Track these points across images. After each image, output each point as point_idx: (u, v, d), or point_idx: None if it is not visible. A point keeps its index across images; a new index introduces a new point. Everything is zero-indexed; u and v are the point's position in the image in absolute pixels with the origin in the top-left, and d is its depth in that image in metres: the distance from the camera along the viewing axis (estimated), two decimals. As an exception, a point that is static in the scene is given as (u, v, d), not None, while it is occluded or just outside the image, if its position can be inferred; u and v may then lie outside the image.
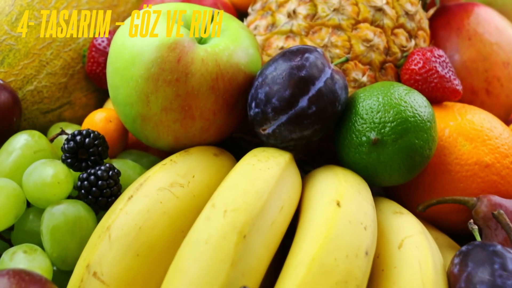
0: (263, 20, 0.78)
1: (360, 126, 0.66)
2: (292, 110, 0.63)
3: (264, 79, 0.65)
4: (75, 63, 0.80)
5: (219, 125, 0.67)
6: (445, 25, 0.88)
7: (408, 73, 0.75)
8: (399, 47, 0.77)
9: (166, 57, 0.63)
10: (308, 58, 0.64)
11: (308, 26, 0.75)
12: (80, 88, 0.81)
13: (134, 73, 0.64)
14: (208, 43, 0.67)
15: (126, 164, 0.68)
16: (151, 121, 0.66)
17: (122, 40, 0.66)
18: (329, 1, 0.76)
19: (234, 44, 0.67)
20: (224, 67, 0.65)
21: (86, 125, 0.72)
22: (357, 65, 0.74)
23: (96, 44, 0.78)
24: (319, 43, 0.74)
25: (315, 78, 0.64)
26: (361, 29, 0.75)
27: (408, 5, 0.78)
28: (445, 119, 0.73)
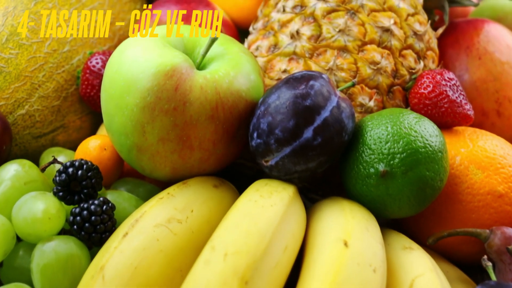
0: (265, 40, 0.74)
1: (368, 157, 0.62)
2: (297, 142, 0.60)
3: (267, 108, 0.61)
4: (69, 85, 0.77)
5: (219, 155, 0.64)
6: (453, 43, 0.84)
7: (417, 97, 0.71)
8: (407, 69, 0.73)
9: (163, 85, 0.60)
10: (313, 86, 0.61)
11: (312, 48, 0.71)
12: (74, 111, 0.78)
13: (129, 102, 0.61)
14: (207, 69, 0.64)
15: (121, 196, 0.65)
16: (147, 152, 0.62)
17: (116, 65, 0.63)
18: (334, 22, 0.72)
19: (235, 70, 0.63)
20: (224, 95, 0.61)
21: (80, 153, 0.68)
22: (364, 89, 0.71)
23: (91, 65, 0.74)
24: (324, 66, 0.71)
25: (321, 107, 0.60)
26: (368, 51, 0.71)
27: (417, 25, 0.75)
28: (456, 146, 0.70)
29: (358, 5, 0.73)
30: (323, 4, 0.73)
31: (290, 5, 0.75)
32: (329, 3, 0.73)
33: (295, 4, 0.75)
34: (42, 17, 0.76)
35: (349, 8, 0.73)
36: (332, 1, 0.73)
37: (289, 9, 0.75)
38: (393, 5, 0.74)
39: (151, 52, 0.62)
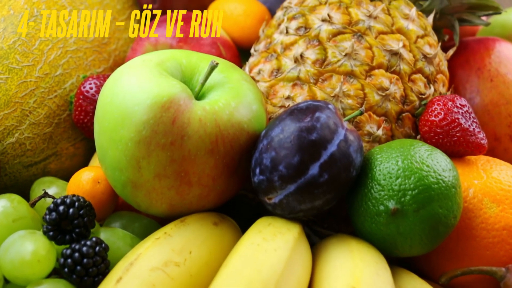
0: (267, 64, 0.71)
1: (377, 194, 0.59)
2: (302, 179, 0.56)
3: (270, 142, 0.58)
4: (61, 111, 0.73)
5: (219, 191, 0.60)
6: (464, 64, 0.81)
7: (427, 125, 0.68)
8: (417, 94, 0.70)
9: (159, 118, 0.56)
10: (319, 118, 0.57)
11: (317, 73, 0.68)
12: (67, 137, 0.74)
13: (124, 136, 0.57)
14: (206, 98, 0.60)
15: (115, 234, 0.61)
16: (143, 188, 0.59)
17: (110, 96, 0.59)
18: (340, 45, 0.68)
19: (236, 100, 0.60)
20: (225, 128, 0.58)
21: (72, 186, 0.65)
22: (372, 117, 0.67)
23: (84, 91, 0.71)
24: (329, 92, 0.67)
25: (327, 141, 0.57)
26: (375, 76, 0.68)
27: (427, 47, 0.71)
28: (468, 177, 0.66)
29: (365, 27, 0.69)
30: (329, 26, 0.69)
31: (293, 27, 0.71)
32: (334, 25, 0.69)
33: (299, 26, 0.71)
34: (34, 38, 0.72)
35: (356, 31, 0.69)
36: (338, 23, 0.69)
37: (293, 31, 0.71)
38: (402, 27, 0.70)
39: (146, 81, 0.58)
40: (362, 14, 0.70)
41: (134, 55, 0.76)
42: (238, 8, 0.81)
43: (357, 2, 0.71)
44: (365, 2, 0.71)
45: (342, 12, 0.70)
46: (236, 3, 0.81)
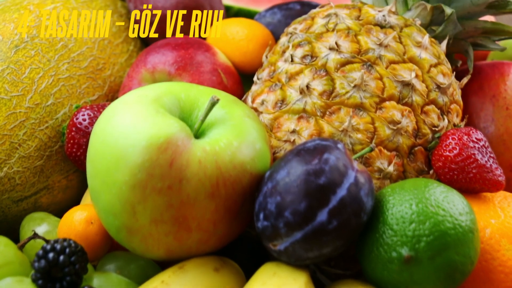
0: (271, 94, 0.67)
1: (390, 239, 0.55)
2: (309, 226, 0.52)
3: (275, 186, 0.54)
4: (53, 143, 0.69)
5: (220, 235, 0.56)
6: (477, 90, 0.77)
7: (441, 160, 0.64)
8: (430, 127, 0.66)
9: (155, 160, 0.52)
10: (327, 160, 0.53)
11: (325, 105, 0.64)
12: (59, 170, 0.70)
13: (118, 179, 0.53)
14: (206, 136, 0.56)
15: (109, 280, 0.57)
16: (139, 234, 0.55)
17: (103, 135, 0.55)
18: (348, 75, 0.64)
19: (238, 139, 0.56)
20: (226, 170, 0.54)
21: (63, 227, 0.61)
22: (382, 152, 0.63)
23: (77, 122, 0.67)
24: (337, 126, 0.63)
25: (337, 185, 0.53)
26: (386, 108, 0.64)
27: (440, 77, 0.67)
28: (485, 216, 0.62)
29: (376, 57, 0.65)
30: (336, 55, 0.65)
31: (299, 55, 0.67)
32: (343, 53, 0.65)
33: (305, 54, 0.67)
34: (24, 66, 0.68)
35: (366, 60, 0.65)
36: (346, 52, 0.65)
37: (298, 59, 0.67)
38: (414, 55, 0.66)
39: (142, 120, 0.54)
40: (372, 42, 0.66)
41: (130, 82, 0.72)
42: (240, 32, 0.77)
43: (366, 29, 0.67)
44: (375, 29, 0.67)
45: (351, 40, 0.66)
46: (238, 26, 0.77)
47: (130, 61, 0.79)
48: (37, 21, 0.72)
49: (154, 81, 0.72)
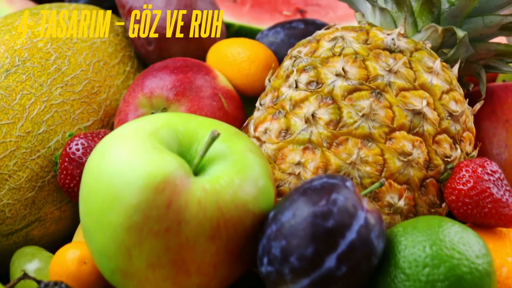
0: (275, 122, 0.63)
1: (402, 284, 0.52)
2: (316, 272, 0.49)
3: (280, 229, 0.50)
4: (45, 173, 0.66)
5: (221, 278, 0.53)
6: (490, 115, 0.74)
7: (454, 194, 0.60)
8: (442, 157, 0.62)
9: (152, 201, 0.49)
10: (335, 201, 0.50)
11: (331, 135, 0.60)
12: (51, 201, 0.67)
13: (112, 221, 0.50)
14: (206, 173, 0.53)
15: (103, 325, 0.54)
16: (134, 278, 0.51)
17: (96, 173, 0.52)
18: (356, 104, 0.61)
19: (240, 176, 0.52)
20: (228, 210, 0.51)
21: (55, 267, 0.57)
22: (392, 186, 0.60)
23: (70, 153, 0.63)
24: (345, 158, 0.60)
25: (346, 228, 0.49)
26: (396, 139, 0.60)
27: (453, 104, 0.64)
28: (501, 253, 0.59)
29: (385, 84, 0.62)
30: (344, 81, 0.62)
31: (303, 81, 0.64)
32: (350, 80, 0.62)
33: (310, 80, 0.64)
34: (14, 92, 0.65)
35: (374, 87, 0.62)
36: (354, 78, 0.62)
37: (303, 85, 0.64)
38: (426, 82, 0.63)
39: (138, 157, 0.51)
40: (381, 68, 0.63)
41: (126, 108, 0.69)
42: (241, 54, 0.73)
43: (375, 54, 0.64)
44: (384, 54, 0.64)
45: (359, 66, 0.63)
46: (239, 47, 0.74)
47: (126, 82, 0.76)
48: (29, 42, 0.69)
49: (152, 107, 0.68)
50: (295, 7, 0.89)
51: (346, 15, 0.88)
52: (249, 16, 0.87)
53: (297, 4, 0.90)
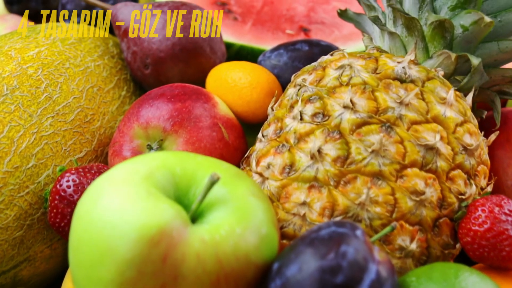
0: (278, 157, 0.60)
1: None
2: (324, 333, 0.45)
3: (285, 284, 0.46)
4: (34, 210, 0.62)
5: (221, 334, 0.49)
6: (504, 143, 0.70)
7: (470, 235, 0.57)
8: (456, 195, 0.59)
9: (146, 255, 0.45)
10: (345, 254, 0.46)
11: (339, 173, 0.57)
12: (41, 239, 0.63)
13: (103, 276, 0.46)
14: (205, 220, 0.49)
15: None
16: (128, 336, 0.47)
17: (86, 222, 0.48)
18: (365, 139, 0.57)
19: (242, 224, 0.48)
20: (228, 263, 0.47)
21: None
22: (404, 227, 0.56)
23: (60, 190, 0.59)
24: (353, 198, 0.56)
25: (356, 283, 0.46)
26: (408, 177, 0.57)
27: (467, 137, 0.60)
28: (519, 299, 0.55)
29: (396, 117, 0.58)
30: (352, 114, 0.58)
31: (309, 112, 0.60)
32: (358, 113, 0.58)
33: (316, 111, 0.60)
34: (2, 124, 0.61)
35: (384, 121, 0.58)
36: (363, 111, 0.58)
37: (308, 118, 0.60)
38: (439, 114, 0.59)
39: (131, 206, 0.47)
40: (392, 100, 0.59)
41: (121, 138, 0.65)
42: (242, 79, 0.69)
43: (385, 84, 0.60)
44: (395, 84, 0.60)
45: (368, 97, 0.59)
46: (240, 72, 0.70)
47: (122, 108, 0.72)
48: (18, 69, 0.65)
49: (148, 138, 0.65)
50: (298, 25, 0.86)
51: (351, 34, 0.85)
52: (250, 36, 0.83)
53: (301, 22, 0.86)
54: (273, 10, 0.87)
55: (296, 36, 0.84)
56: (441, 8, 0.65)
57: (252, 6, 0.87)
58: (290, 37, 0.84)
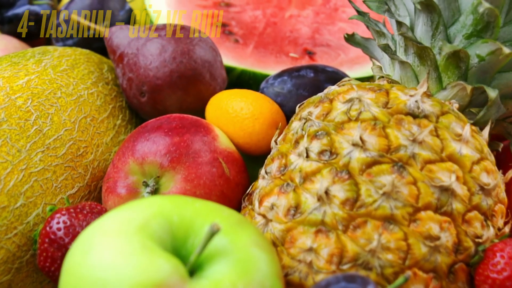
0: (283, 197, 0.56)
1: None
2: None
3: None
4: (23, 252, 0.58)
5: None
6: (521, 177, 0.66)
7: (488, 282, 0.53)
8: (472, 238, 0.55)
9: (141, 317, 0.42)
10: (357, 315, 0.43)
11: (348, 217, 0.53)
12: (30, 282, 0.59)
13: None
14: (204, 274, 0.46)
15: None
16: None
17: (76, 277, 0.44)
18: (376, 180, 0.54)
19: (245, 279, 0.45)
20: (230, 324, 0.43)
21: None
22: (417, 275, 0.52)
23: (50, 232, 0.56)
24: (363, 244, 0.52)
25: None
26: (422, 220, 0.53)
27: (484, 176, 0.56)
28: None
29: (408, 156, 0.54)
30: (361, 153, 0.54)
31: (315, 149, 0.56)
32: (368, 152, 0.54)
33: (323, 149, 0.56)
34: None
35: (396, 160, 0.54)
36: (373, 149, 0.55)
37: (315, 155, 0.56)
38: (454, 152, 0.56)
39: (124, 261, 0.43)
40: (404, 137, 0.55)
41: (116, 174, 0.61)
42: (244, 109, 0.66)
43: (396, 120, 0.56)
44: (407, 120, 0.56)
45: (378, 134, 0.55)
46: (242, 101, 0.66)
47: (117, 138, 0.68)
48: (6, 100, 0.62)
49: (143, 174, 0.61)
50: (302, 48, 0.82)
51: (358, 57, 0.81)
52: (252, 59, 0.79)
53: (305, 45, 0.82)
54: (276, 31, 0.83)
55: (300, 60, 0.80)
56: (456, 36, 0.61)
57: (254, 27, 0.83)
58: (294, 60, 0.80)
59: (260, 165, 0.66)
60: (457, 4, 0.61)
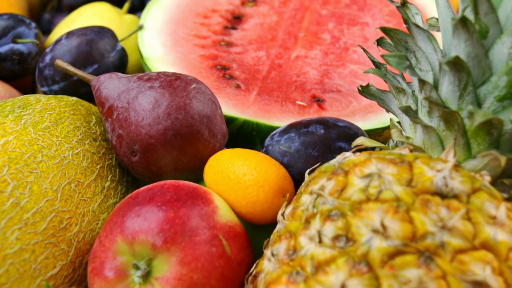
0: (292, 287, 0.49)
1: None
2: None
3: None
4: None
5: None
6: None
7: None
8: (509, 337, 0.48)
9: None
10: None
11: (367, 318, 0.46)
12: None
13: None
14: None
15: None
16: None
17: None
18: (400, 274, 0.46)
19: None
20: None
21: None
22: None
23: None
24: None
25: None
26: (453, 322, 0.46)
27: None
28: None
29: (437, 244, 0.47)
30: (383, 241, 0.47)
31: (329, 234, 0.49)
32: (391, 240, 0.47)
33: (338, 234, 0.49)
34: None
35: (423, 249, 0.47)
36: (396, 237, 0.47)
37: (329, 241, 0.49)
38: (488, 239, 0.49)
39: None
40: (431, 222, 0.48)
41: (102, 254, 0.54)
42: (247, 175, 0.59)
43: (422, 201, 0.49)
44: (434, 202, 0.49)
45: (402, 219, 0.48)
46: (245, 165, 0.59)
47: (105, 203, 0.61)
48: (-21, 168, 0.55)
49: (134, 255, 0.54)
50: (311, 95, 0.75)
51: (371, 105, 0.74)
52: (255, 107, 0.72)
53: (313, 91, 0.75)
54: (281, 75, 0.76)
55: (308, 108, 0.73)
56: (486, 98, 0.54)
57: (257, 70, 0.76)
58: (302, 109, 0.73)
59: (264, 233, 0.59)
60: (487, 62, 0.54)
